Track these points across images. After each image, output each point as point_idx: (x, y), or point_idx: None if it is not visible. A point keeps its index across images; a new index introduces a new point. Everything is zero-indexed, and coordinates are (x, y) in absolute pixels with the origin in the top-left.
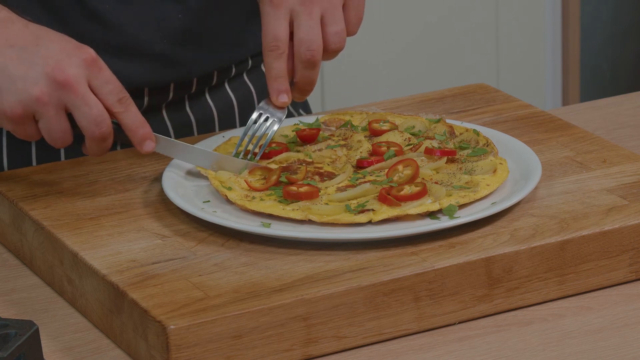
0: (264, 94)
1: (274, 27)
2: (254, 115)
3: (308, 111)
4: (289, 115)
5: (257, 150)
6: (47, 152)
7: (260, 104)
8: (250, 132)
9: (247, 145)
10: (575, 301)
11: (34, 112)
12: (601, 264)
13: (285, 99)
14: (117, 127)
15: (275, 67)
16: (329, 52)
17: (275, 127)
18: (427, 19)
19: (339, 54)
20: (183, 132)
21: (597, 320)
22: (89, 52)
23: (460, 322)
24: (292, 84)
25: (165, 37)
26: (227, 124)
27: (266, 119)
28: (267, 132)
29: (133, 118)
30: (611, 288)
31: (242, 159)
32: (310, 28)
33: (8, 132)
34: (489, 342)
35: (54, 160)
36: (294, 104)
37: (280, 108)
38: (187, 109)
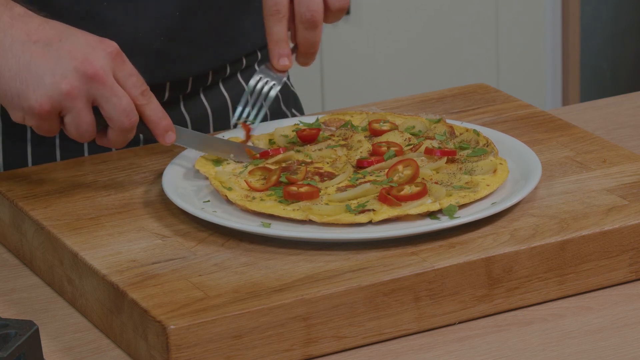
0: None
1: None
2: (253, 80)
3: (301, 112)
4: (284, 115)
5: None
6: (43, 151)
7: (260, 68)
8: (249, 99)
9: (249, 111)
10: (575, 301)
11: (62, 107)
12: (601, 264)
13: (286, 62)
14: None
15: (276, 30)
16: (333, 11)
17: (273, 92)
18: (427, 19)
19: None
20: None
21: (597, 320)
22: (113, 45)
23: (460, 322)
24: (294, 49)
25: (162, 34)
26: (222, 124)
27: (265, 83)
28: (268, 94)
29: (155, 110)
30: (611, 288)
31: (241, 124)
32: None
33: (4, 131)
34: (489, 342)
35: (49, 159)
36: (286, 104)
37: (281, 72)
38: (182, 108)
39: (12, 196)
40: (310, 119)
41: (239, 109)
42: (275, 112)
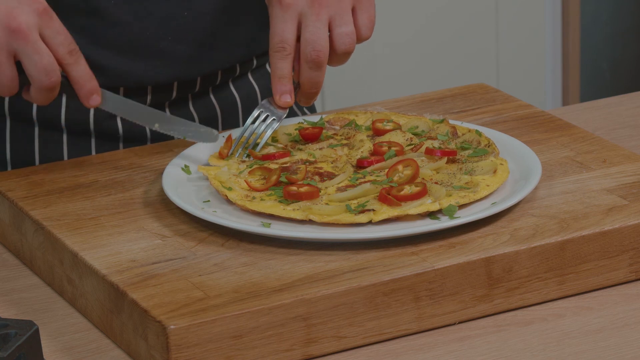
0: (268, 92)
1: (282, 28)
2: (255, 113)
3: (313, 110)
4: (294, 114)
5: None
6: (50, 148)
7: (263, 102)
8: (249, 130)
9: (245, 142)
10: (575, 301)
11: None
12: (601, 264)
13: (288, 99)
14: (65, 81)
15: (280, 67)
16: (338, 53)
17: (275, 126)
18: (427, 19)
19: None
20: None
21: (597, 320)
22: (41, 1)
23: (460, 322)
24: (297, 87)
25: (170, 34)
26: (231, 123)
27: (266, 118)
28: (265, 130)
29: (82, 71)
30: (611, 288)
31: (237, 157)
32: (316, 29)
33: (12, 128)
34: (489, 342)
35: (56, 156)
36: (297, 103)
37: (282, 108)
38: (191, 107)
39: (12, 196)
40: (314, 118)
41: (238, 139)
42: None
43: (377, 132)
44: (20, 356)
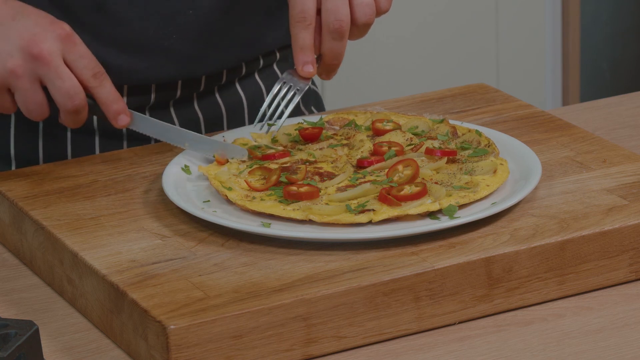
0: None
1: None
2: (276, 87)
3: (321, 109)
4: (299, 113)
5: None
6: (54, 145)
7: (283, 75)
8: (271, 104)
9: (268, 116)
10: (575, 301)
11: (9, 84)
12: (601, 264)
13: (310, 69)
14: (93, 102)
15: (302, 37)
16: (358, 25)
17: (295, 99)
18: (427, 19)
19: (366, 35)
20: (190, 129)
21: (597, 320)
22: (64, 27)
23: (460, 322)
24: (318, 60)
25: (174, 32)
26: (236, 122)
27: (288, 89)
28: (288, 104)
29: (107, 93)
30: (611, 288)
31: (262, 128)
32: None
33: (16, 124)
34: (489, 342)
35: (60, 153)
36: (305, 101)
37: (305, 79)
38: (195, 106)
39: (12, 196)
40: (314, 118)
41: (261, 113)
42: (293, 112)
43: (377, 132)
44: (20, 356)
